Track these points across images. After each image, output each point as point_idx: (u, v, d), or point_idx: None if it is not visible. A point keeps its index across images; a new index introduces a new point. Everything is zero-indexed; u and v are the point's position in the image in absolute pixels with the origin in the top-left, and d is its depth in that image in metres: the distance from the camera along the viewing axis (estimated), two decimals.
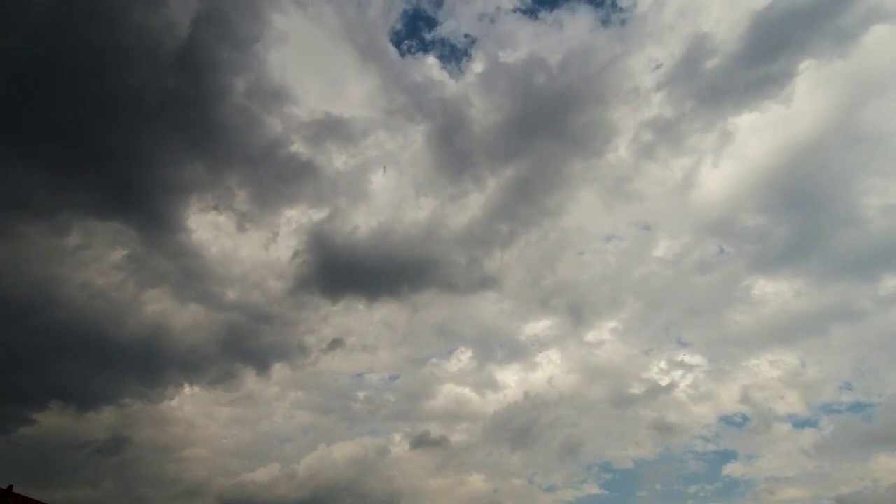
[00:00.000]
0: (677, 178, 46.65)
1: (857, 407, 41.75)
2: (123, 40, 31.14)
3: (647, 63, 44.51)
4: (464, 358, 50.85)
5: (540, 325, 51.84)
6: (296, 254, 38.65)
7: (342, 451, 43.24)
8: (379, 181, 48.05)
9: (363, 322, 45.12)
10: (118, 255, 33.11)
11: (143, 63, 31.21)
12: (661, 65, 43.62)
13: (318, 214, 40.91)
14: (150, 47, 31.60)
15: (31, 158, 29.46)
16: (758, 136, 45.53)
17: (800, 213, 43.78)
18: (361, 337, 45.74)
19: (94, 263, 33.69)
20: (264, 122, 37.33)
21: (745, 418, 45.96)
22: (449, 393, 49.65)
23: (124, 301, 34.39)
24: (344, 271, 41.35)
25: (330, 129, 42.13)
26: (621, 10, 49.32)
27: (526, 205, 48.05)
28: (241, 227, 38.46)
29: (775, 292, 46.17)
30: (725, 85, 41.01)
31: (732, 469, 43.34)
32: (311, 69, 50.48)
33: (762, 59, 39.54)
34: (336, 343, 41.88)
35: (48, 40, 28.85)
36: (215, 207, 36.49)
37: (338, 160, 44.16)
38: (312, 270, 39.00)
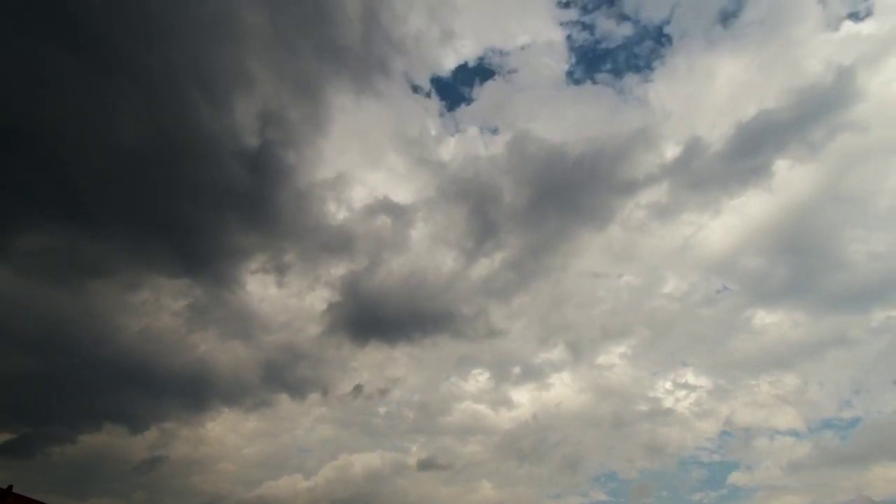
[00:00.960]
0: (685, 234, 48.40)
1: (854, 422, 45.68)
2: (199, 138, 35.88)
3: (654, 156, 48.38)
4: (481, 379, 52.58)
5: (555, 351, 53.60)
6: (330, 305, 42.09)
7: (361, 462, 44.61)
8: (413, 241, 50.11)
9: (387, 361, 47.01)
10: (180, 305, 38.42)
11: (215, 157, 36.10)
12: (665, 159, 49.86)
13: (353, 268, 43.92)
14: (220, 144, 36.38)
15: (121, 230, 34.85)
16: (754, 202, 51.19)
17: (796, 259, 49.04)
18: (384, 371, 47.49)
19: (159, 313, 38.05)
20: (316, 206, 42.59)
21: (746, 432, 49.18)
22: (465, 409, 51.09)
23: (179, 342, 39.03)
24: (372, 320, 44.53)
25: (375, 210, 44.30)
26: (637, 100, 52.85)
27: (547, 257, 50.38)
28: (286, 284, 42.07)
29: (775, 323, 50.24)
30: (717, 175, 47.82)
31: (734, 478, 46.28)
32: (360, 156, 53.24)
33: (746, 157, 46.85)
34: (358, 389, 43.83)
35: (140, 136, 33.43)
36: (265, 268, 40.15)
37: (376, 228, 46.43)
38: (344, 319, 42.36)
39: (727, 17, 55.38)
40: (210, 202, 37.29)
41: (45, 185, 32.85)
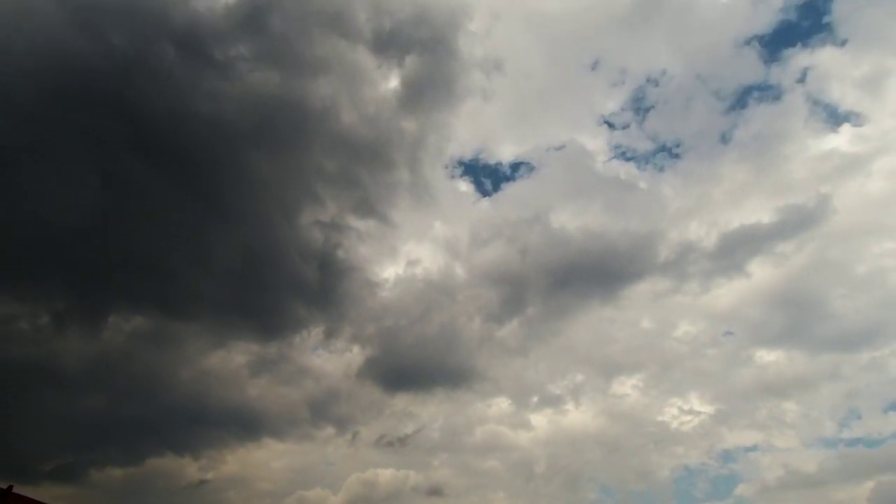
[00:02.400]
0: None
1: (850, 443, 51.04)
2: (276, 244, 45.67)
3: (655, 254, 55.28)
4: (503, 405, 56.25)
5: (577, 379, 57.90)
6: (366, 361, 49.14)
7: (384, 477, 48.97)
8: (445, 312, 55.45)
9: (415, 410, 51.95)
10: (246, 360, 47.56)
11: (288, 259, 46.13)
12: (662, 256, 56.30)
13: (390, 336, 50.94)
14: (292, 249, 46.32)
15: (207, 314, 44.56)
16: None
17: (791, 312, 55.48)
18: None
19: (229, 368, 47.04)
20: (367, 292, 51.42)
21: (747, 451, 53.04)
22: (487, 430, 54.99)
23: (240, 388, 47.41)
24: (404, 374, 51.12)
25: (413, 290, 54.48)
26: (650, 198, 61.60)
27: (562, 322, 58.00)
28: (333, 344, 51.62)
29: (774, 360, 55.41)
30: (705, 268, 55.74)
31: (738, 491, 50.76)
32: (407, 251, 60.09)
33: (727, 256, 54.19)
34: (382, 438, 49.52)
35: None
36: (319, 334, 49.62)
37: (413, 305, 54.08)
38: (378, 372, 49.92)
39: (726, 137, 63.16)
40: (282, 291, 46.95)
41: (150, 286, 41.15)
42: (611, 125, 66.00)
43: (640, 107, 65.53)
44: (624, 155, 65.34)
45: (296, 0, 45.67)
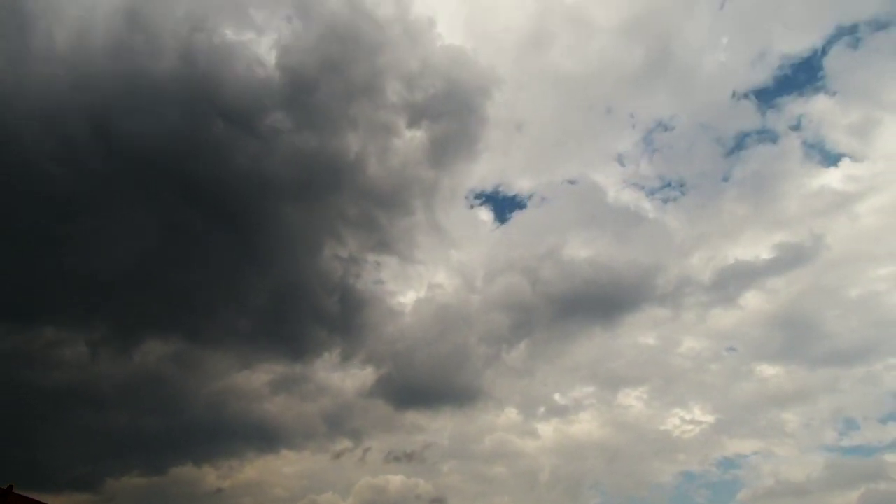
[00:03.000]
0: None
1: (847, 451, 53.25)
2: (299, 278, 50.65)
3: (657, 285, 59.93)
4: (511, 415, 59.20)
5: (583, 391, 60.74)
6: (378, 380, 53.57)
7: (394, 483, 52.00)
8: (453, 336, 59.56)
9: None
10: (268, 379, 51.22)
11: (311, 291, 51.02)
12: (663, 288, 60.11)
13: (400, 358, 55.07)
14: (315, 282, 51.21)
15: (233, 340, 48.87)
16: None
17: (790, 331, 58.28)
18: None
19: (252, 385, 50.62)
20: (382, 320, 55.25)
21: (747, 458, 54.94)
22: (495, 439, 57.78)
23: (262, 404, 50.67)
24: (415, 392, 54.37)
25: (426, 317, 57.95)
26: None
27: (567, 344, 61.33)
28: (349, 366, 54.71)
29: (775, 374, 58.03)
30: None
31: (740, 496, 52.67)
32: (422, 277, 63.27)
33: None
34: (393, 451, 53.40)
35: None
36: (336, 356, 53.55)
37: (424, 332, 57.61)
38: (389, 391, 53.11)
39: (726, 176, 67.29)
40: (305, 319, 50.76)
41: (186, 318, 46.80)
42: (620, 162, 69.96)
43: (647, 149, 69.84)
44: (633, 187, 68.99)
45: (335, 76, 50.73)
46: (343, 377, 55.87)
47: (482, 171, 67.47)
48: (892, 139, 56.98)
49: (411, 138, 56.22)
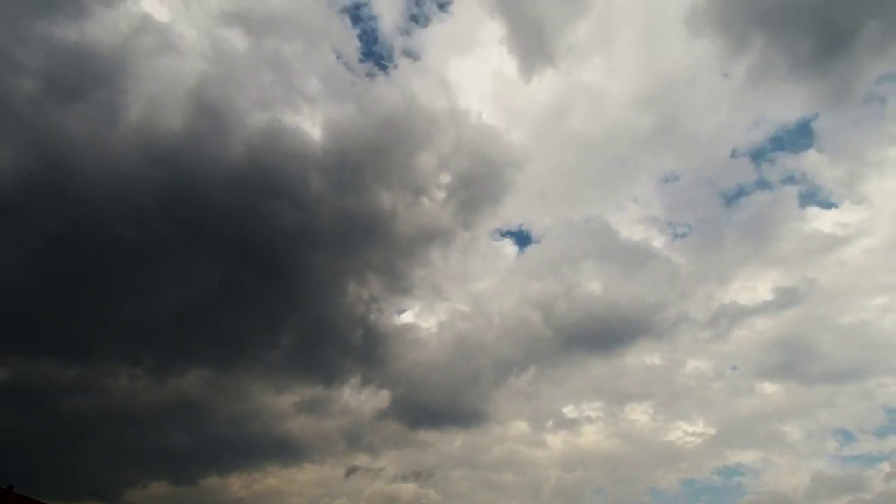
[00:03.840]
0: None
1: (846, 460, 56.96)
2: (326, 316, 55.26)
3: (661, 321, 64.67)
4: (522, 426, 62.74)
5: (593, 406, 64.32)
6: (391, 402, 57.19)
7: (405, 492, 54.67)
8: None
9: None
10: (295, 401, 55.20)
11: (336, 326, 55.80)
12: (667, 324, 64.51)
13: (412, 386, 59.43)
14: (340, 318, 55.76)
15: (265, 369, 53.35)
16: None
17: (788, 353, 62.40)
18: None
19: (281, 407, 54.33)
20: (399, 352, 59.32)
21: (748, 467, 58.35)
22: (504, 449, 60.74)
23: (287, 423, 54.10)
24: (429, 413, 58.54)
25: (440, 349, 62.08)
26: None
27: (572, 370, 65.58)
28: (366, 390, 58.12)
29: (775, 391, 62.13)
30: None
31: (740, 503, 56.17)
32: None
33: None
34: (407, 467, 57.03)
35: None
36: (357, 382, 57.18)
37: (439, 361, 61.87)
38: (403, 412, 57.18)
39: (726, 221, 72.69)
40: (331, 349, 55.23)
41: (225, 351, 51.60)
42: (632, 206, 75.30)
43: (655, 195, 75.57)
44: (641, 226, 73.76)
45: (376, 154, 56.89)
46: (362, 400, 59.12)
47: (506, 215, 72.22)
48: (876, 190, 62.52)
49: (440, 199, 61.57)
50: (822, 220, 64.45)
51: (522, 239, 75.40)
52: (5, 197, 37.00)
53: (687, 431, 61.40)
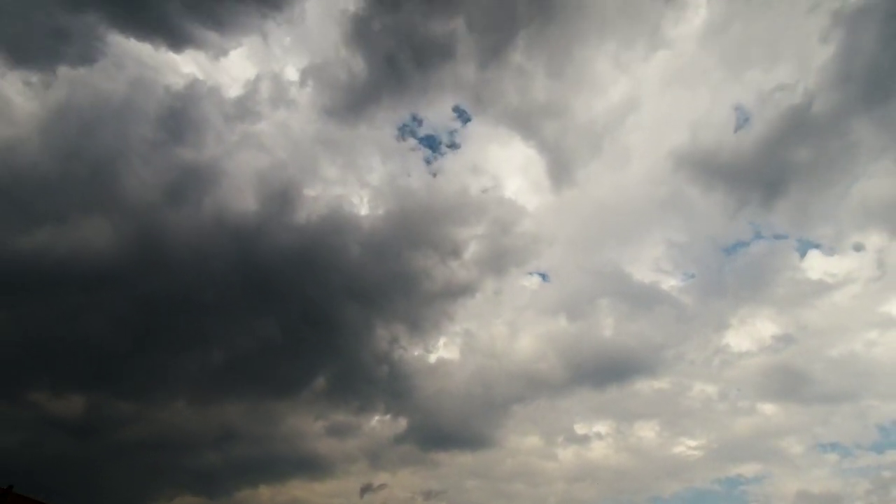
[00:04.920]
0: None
1: (844, 472, 60.68)
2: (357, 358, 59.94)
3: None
4: (535, 440, 66.34)
5: (603, 423, 68.03)
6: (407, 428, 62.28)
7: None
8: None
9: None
10: (324, 425, 59.74)
11: (364, 366, 60.16)
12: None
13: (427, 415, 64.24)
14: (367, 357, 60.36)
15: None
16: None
17: (786, 378, 67.07)
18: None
19: (312, 428, 58.95)
20: (422, 386, 63.74)
21: (750, 478, 62.52)
22: (517, 461, 64.45)
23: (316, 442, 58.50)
24: (442, 438, 63.39)
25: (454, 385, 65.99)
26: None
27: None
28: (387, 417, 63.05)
29: (775, 411, 67.29)
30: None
31: None
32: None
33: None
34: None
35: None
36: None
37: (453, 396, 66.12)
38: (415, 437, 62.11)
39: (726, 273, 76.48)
40: (357, 381, 60.25)
41: (270, 386, 56.82)
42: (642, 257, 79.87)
43: (664, 250, 79.07)
44: (651, 272, 78.96)
45: (410, 229, 62.74)
46: (383, 425, 63.31)
47: (527, 266, 75.18)
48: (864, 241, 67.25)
49: (467, 261, 66.16)
50: (815, 269, 70.03)
51: (541, 278, 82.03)
52: (105, 268, 45.18)
53: (690, 446, 65.16)
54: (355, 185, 65.28)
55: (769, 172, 64.98)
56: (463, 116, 72.88)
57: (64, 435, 45.37)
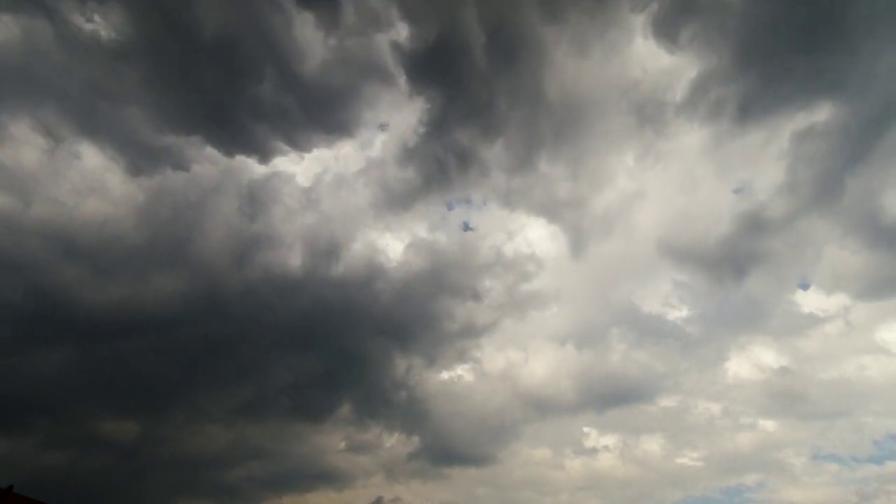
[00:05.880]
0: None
1: (840, 482, 63.90)
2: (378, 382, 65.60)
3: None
4: (544, 452, 69.45)
5: (611, 437, 71.62)
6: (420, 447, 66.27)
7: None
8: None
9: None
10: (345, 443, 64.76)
11: (384, 391, 65.31)
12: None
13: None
14: (388, 383, 65.69)
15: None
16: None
17: (785, 399, 70.91)
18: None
19: (337, 446, 63.92)
20: (436, 409, 67.90)
21: (750, 488, 65.98)
22: (527, 471, 68.05)
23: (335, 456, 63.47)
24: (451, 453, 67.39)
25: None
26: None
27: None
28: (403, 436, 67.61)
29: (776, 427, 70.99)
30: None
31: None
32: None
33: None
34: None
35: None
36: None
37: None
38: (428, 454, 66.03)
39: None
40: (379, 407, 65.60)
41: (304, 413, 62.41)
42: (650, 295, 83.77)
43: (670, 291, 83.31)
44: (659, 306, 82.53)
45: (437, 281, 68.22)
46: (400, 443, 67.93)
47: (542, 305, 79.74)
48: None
49: (486, 305, 70.59)
50: (809, 305, 73.89)
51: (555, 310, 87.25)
52: (171, 316, 52.75)
53: (693, 458, 68.31)
54: (393, 240, 71.65)
55: (738, 257, 69.23)
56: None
57: (110, 453, 50.72)
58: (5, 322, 43.81)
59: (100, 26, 48.35)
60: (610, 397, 72.81)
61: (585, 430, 73.30)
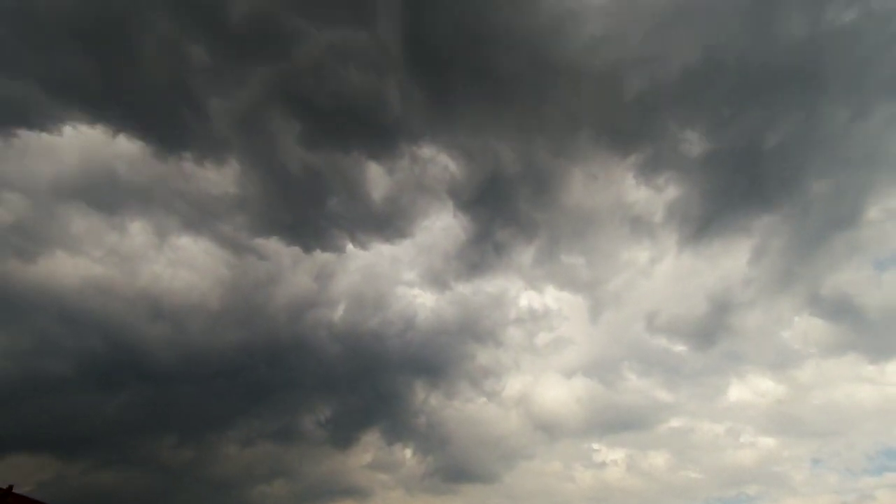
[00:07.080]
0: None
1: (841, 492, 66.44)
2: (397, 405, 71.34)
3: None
4: (556, 466, 72.07)
5: (619, 452, 74.24)
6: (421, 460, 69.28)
7: None
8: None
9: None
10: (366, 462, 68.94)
11: (405, 413, 70.49)
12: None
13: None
14: (407, 407, 70.90)
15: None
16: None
17: (779, 419, 75.10)
18: None
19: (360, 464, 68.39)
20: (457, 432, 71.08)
21: (749, 498, 68.63)
22: (538, 482, 70.39)
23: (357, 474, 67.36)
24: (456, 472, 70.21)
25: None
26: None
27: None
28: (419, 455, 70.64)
29: (776, 446, 74.62)
30: None
31: None
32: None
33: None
34: None
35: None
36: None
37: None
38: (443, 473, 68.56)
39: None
40: (402, 431, 70.04)
41: (336, 440, 66.76)
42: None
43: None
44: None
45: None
46: (416, 463, 71.34)
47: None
48: None
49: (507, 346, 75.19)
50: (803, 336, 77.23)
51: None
52: (233, 362, 61.01)
53: (696, 471, 72.40)
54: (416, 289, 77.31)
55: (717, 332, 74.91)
56: None
57: (155, 473, 56.00)
58: (89, 370, 52.38)
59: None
60: (618, 420, 75.73)
61: (595, 449, 76.45)
